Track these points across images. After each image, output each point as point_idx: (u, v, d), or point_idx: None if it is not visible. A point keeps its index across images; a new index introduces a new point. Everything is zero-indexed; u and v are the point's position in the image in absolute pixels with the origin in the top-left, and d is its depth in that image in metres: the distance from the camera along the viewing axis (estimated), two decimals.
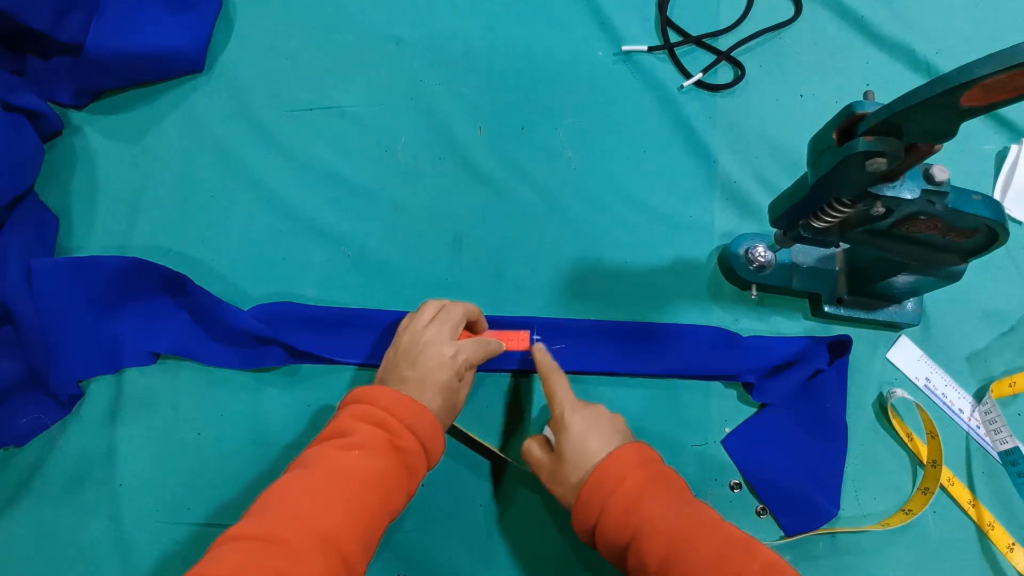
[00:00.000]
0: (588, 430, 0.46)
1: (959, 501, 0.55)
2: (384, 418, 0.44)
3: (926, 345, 0.59)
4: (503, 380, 0.57)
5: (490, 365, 0.54)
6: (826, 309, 0.58)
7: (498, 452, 0.53)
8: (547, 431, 0.50)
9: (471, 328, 0.55)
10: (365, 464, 0.42)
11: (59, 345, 0.53)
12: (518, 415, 0.56)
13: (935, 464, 0.54)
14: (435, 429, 0.46)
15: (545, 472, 0.48)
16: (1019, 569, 0.54)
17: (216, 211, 0.61)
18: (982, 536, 0.55)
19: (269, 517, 0.38)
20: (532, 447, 0.49)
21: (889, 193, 0.41)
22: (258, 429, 0.55)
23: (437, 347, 0.48)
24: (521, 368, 0.56)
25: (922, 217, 0.44)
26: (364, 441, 0.43)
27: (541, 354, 0.52)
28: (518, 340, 0.56)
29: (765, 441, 0.56)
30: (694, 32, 0.68)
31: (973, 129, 0.61)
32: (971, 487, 0.56)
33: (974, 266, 0.50)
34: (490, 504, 0.54)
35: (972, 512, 0.55)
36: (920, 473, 0.56)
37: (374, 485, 0.41)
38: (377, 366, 0.56)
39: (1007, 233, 0.44)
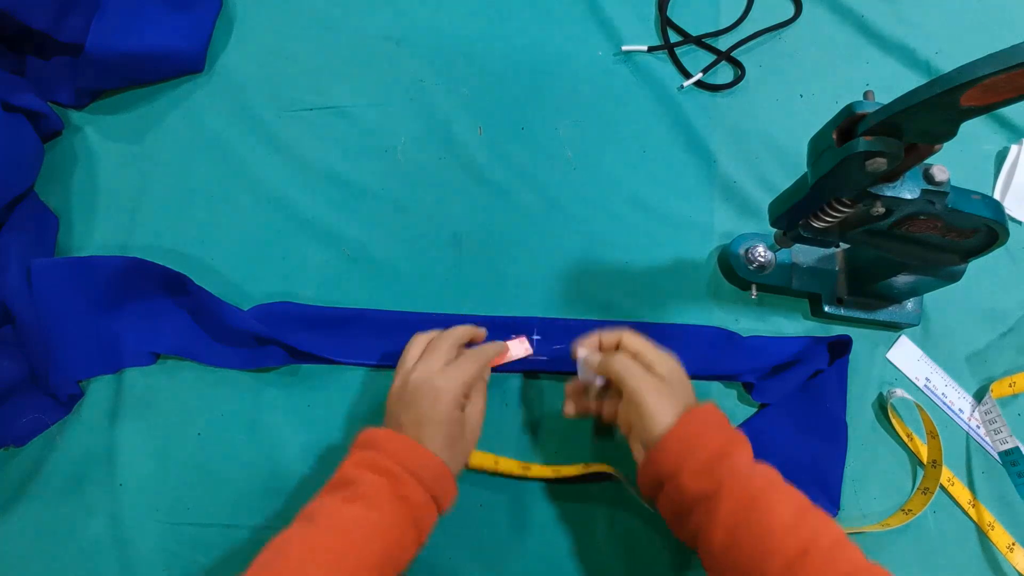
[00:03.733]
0: (685, 374, 0.47)
1: (959, 501, 0.55)
2: (388, 466, 0.43)
3: (926, 345, 0.59)
4: (505, 381, 0.57)
5: (502, 366, 0.54)
6: (826, 309, 0.58)
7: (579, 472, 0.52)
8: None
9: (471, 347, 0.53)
10: (368, 517, 0.41)
11: (59, 345, 0.53)
12: (533, 418, 0.56)
13: (935, 464, 0.54)
14: (441, 473, 0.44)
15: (650, 383, 0.45)
16: (1019, 569, 0.54)
17: (216, 211, 0.61)
18: (982, 536, 0.55)
19: None
20: (631, 360, 0.46)
21: (889, 193, 0.41)
22: (258, 429, 0.55)
23: (427, 382, 0.46)
24: (523, 368, 0.56)
25: (922, 217, 0.44)
26: (367, 492, 0.42)
27: (594, 339, 0.50)
28: (517, 347, 0.55)
29: (765, 441, 0.55)
30: (694, 32, 0.68)
31: (973, 129, 0.61)
32: (971, 487, 0.56)
33: (974, 266, 0.50)
34: (489, 505, 0.54)
35: (972, 512, 0.55)
36: (920, 473, 0.56)
37: (377, 539, 0.41)
38: (377, 366, 0.56)
39: (1007, 233, 0.44)
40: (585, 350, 0.49)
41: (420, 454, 0.44)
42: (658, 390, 0.45)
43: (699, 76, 0.65)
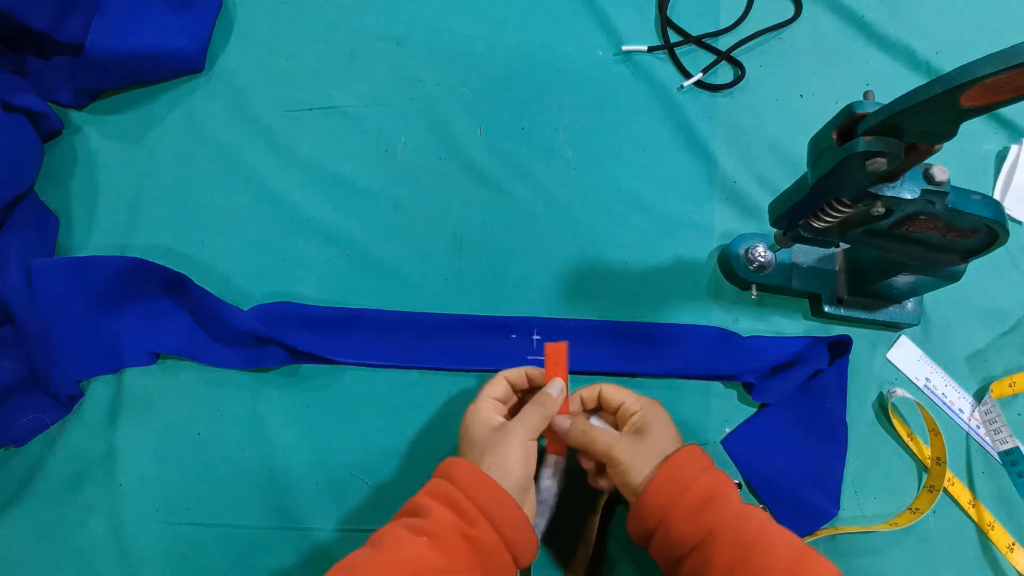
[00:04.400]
0: (670, 422, 0.46)
1: (959, 501, 0.55)
2: (458, 499, 0.40)
3: (926, 345, 0.59)
4: None
5: (484, 365, 0.55)
6: (826, 309, 0.58)
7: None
8: (594, 420, 0.48)
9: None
10: (428, 555, 0.38)
11: (59, 345, 0.53)
12: None
13: (939, 462, 0.54)
14: (516, 516, 0.41)
15: (622, 448, 0.44)
16: (1019, 569, 0.54)
17: (216, 211, 0.61)
18: (982, 536, 0.55)
19: None
20: (598, 426, 0.47)
21: (889, 193, 0.41)
22: (258, 429, 0.55)
23: (473, 407, 0.46)
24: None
25: (922, 217, 0.44)
26: (434, 527, 0.39)
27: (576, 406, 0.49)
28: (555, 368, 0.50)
29: (765, 441, 0.55)
30: (694, 32, 0.67)
31: (973, 129, 0.60)
32: (971, 487, 0.56)
33: (974, 266, 0.50)
34: None
35: (972, 512, 0.55)
36: (920, 473, 0.56)
37: None
38: (376, 366, 0.57)
39: (1007, 233, 0.44)
40: (557, 421, 0.47)
41: (492, 489, 0.41)
42: (629, 448, 0.44)
43: (699, 76, 0.65)
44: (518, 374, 0.50)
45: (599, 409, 0.50)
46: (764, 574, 0.39)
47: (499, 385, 0.48)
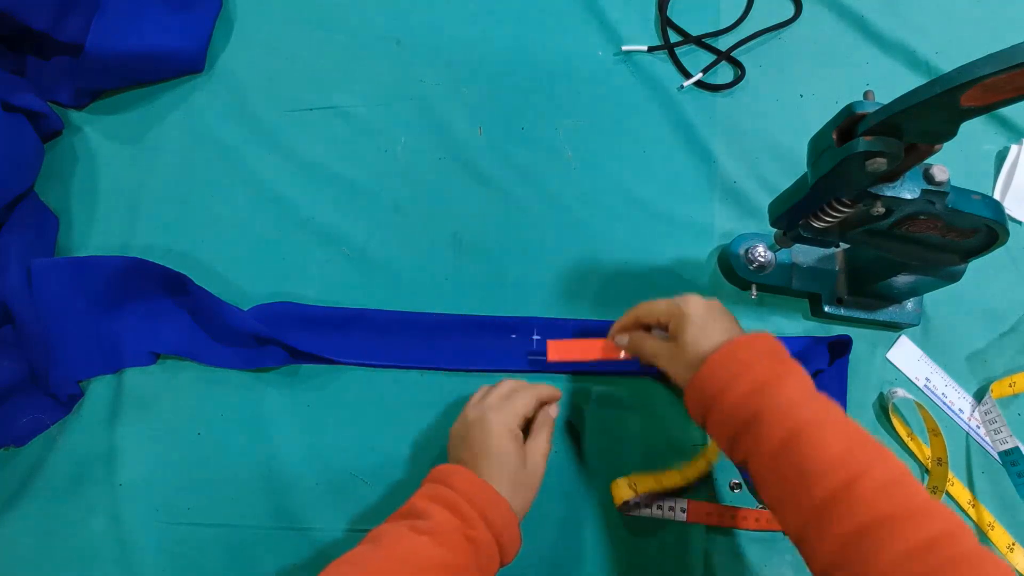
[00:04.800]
0: (707, 315, 0.46)
1: (959, 501, 0.55)
2: (458, 503, 0.42)
3: (926, 345, 0.59)
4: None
5: (483, 365, 0.55)
6: (826, 309, 0.58)
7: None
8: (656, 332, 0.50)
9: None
10: (431, 552, 0.40)
11: (59, 345, 0.53)
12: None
13: (940, 462, 0.54)
14: (508, 520, 0.43)
15: (664, 356, 0.47)
16: (1019, 569, 0.54)
17: (216, 211, 0.61)
18: (982, 536, 0.55)
19: None
20: (645, 337, 0.49)
21: (889, 193, 0.41)
22: (258, 429, 0.55)
23: (480, 417, 0.47)
24: (532, 369, 0.57)
25: (922, 217, 0.44)
26: (436, 527, 0.41)
27: (618, 328, 0.52)
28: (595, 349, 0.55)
29: None
30: (694, 32, 0.67)
31: (973, 129, 0.60)
32: (971, 487, 0.56)
33: (974, 266, 0.50)
34: None
35: (972, 512, 0.55)
36: (921, 473, 0.56)
37: (434, 575, 0.39)
38: (376, 366, 0.56)
39: (1007, 233, 0.44)
40: (617, 339, 0.53)
41: (489, 494, 0.43)
42: (669, 355, 0.47)
43: (699, 76, 0.65)
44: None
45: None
46: (813, 456, 0.38)
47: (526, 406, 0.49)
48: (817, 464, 0.37)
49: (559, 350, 0.56)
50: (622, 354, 0.54)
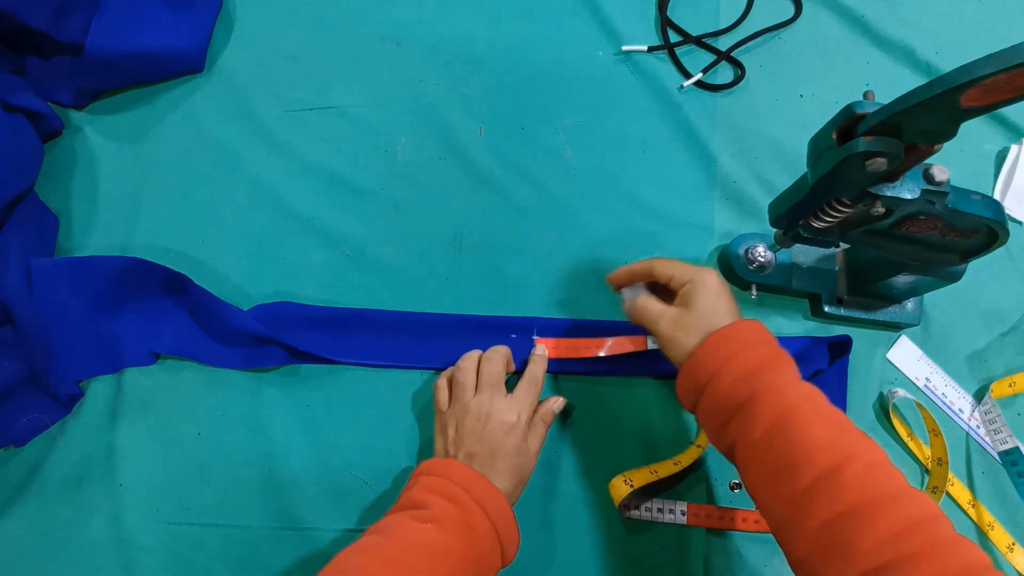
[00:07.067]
0: (719, 295, 0.46)
1: (959, 501, 0.55)
2: (457, 493, 0.44)
3: (926, 345, 0.59)
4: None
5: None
6: (826, 309, 0.58)
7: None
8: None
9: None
10: (437, 539, 0.41)
11: (59, 345, 0.53)
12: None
13: (941, 462, 0.54)
14: (505, 511, 0.45)
15: (664, 325, 0.46)
16: (1019, 569, 0.54)
17: (216, 211, 0.61)
18: (982, 536, 0.55)
19: None
20: (650, 299, 0.49)
21: (889, 193, 0.41)
22: (258, 429, 0.55)
23: (499, 415, 0.48)
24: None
25: (922, 217, 0.44)
26: (438, 515, 0.42)
27: (624, 274, 0.52)
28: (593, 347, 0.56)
29: None
30: (694, 32, 0.67)
31: (973, 129, 0.61)
32: (971, 487, 0.56)
33: (974, 266, 0.50)
34: None
35: (972, 512, 0.55)
36: (921, 473, 0.56)
37: (443, 561, 0.41)
38: (376, 366, 0.56)
39: (1007, 233, 0.44)
40: (625, 291, 0.53)
41: (485, 484, 0.45)
42: (673, 321, 0.46)
43: (699, 76, 0.65)
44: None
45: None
46: (799, 441, 0.38)
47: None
48: (804, 448, 0.38)
49: (552, 349, 0.56)
50: (603, 351, 0.54)
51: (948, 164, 0.42)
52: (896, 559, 0.33)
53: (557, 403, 0.53)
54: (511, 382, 0.53)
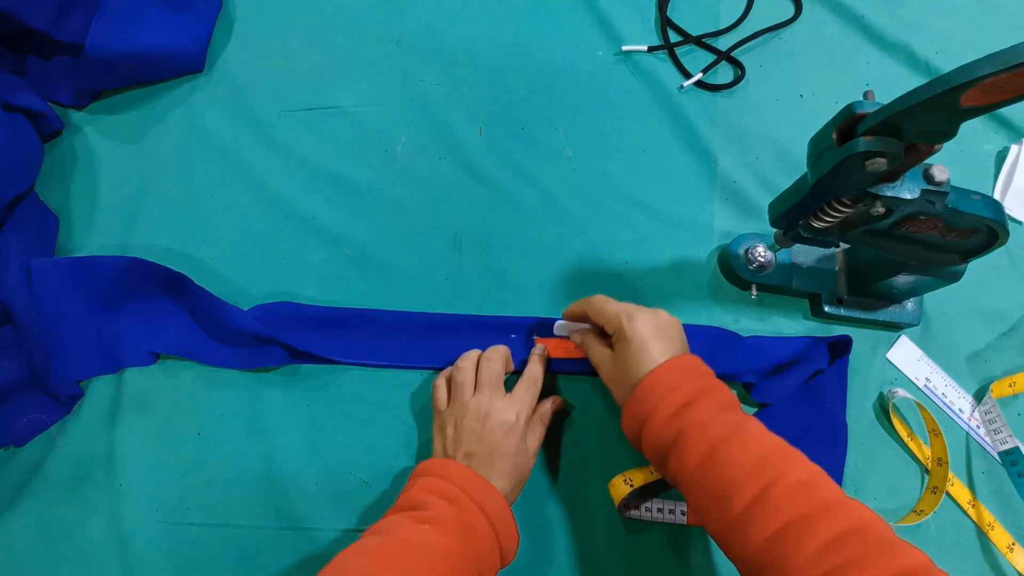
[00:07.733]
0: (648, 337, 0.46)
1: (959, 501, 0.55)
2: (456, 494, 0.44)
3: (926, 345, 0.59)
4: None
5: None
6: (826, 309, 0.58)
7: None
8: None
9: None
10: (435, 540, 0.41)
11: (59, 345, 0.53)
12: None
13: (941, 462, 0.54)
14: (504, 511, 0.45)
15: (605, 370, 0.49)
16: (1019, 569, 0.54)
17: (216, 211, 0.61)
18: (982, 536, 0.55)
19: None
20: (593, 344, 0.51)
21: (889, 193, 0.41)
22: (258, 429, 0.55)
23: (498, 415, 0.48)
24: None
25: (922, 217, 0.44)
26: (437, 516, 0.43)
27: (568, 314, 0.53)
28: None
29: None
30: (694, 32, 0.67)
31: (973, 129, 0.61)
32: (971, 487, 0.56)
33: (974, 266, 0.50)
34: None
35: (972, 512, 0.55)
36: (921, 473, 0.56)
37: (442, 562, 0.41)
38: (376, 366, 0.56)
39: (1007, 233, 0.44)
40: (573, 335, 0.55)
41: (488, 489, 0.45)
42: (612, 368, 0.48)
43: (699, 76, 0.65)
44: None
45: None
46: (728, 470, 0.40)
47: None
48: (732, 476, 0.39)
49: (552, 349, 0.56)
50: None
51: (948, 164, 0.42)
52: (833, 568, 0.34)
53: (556, 403, 0.54)
54: (510, 382, 0.53)
